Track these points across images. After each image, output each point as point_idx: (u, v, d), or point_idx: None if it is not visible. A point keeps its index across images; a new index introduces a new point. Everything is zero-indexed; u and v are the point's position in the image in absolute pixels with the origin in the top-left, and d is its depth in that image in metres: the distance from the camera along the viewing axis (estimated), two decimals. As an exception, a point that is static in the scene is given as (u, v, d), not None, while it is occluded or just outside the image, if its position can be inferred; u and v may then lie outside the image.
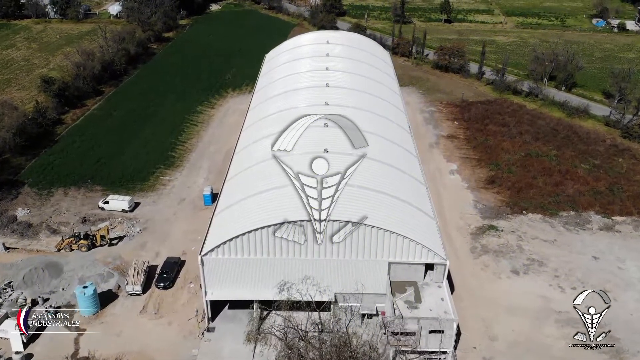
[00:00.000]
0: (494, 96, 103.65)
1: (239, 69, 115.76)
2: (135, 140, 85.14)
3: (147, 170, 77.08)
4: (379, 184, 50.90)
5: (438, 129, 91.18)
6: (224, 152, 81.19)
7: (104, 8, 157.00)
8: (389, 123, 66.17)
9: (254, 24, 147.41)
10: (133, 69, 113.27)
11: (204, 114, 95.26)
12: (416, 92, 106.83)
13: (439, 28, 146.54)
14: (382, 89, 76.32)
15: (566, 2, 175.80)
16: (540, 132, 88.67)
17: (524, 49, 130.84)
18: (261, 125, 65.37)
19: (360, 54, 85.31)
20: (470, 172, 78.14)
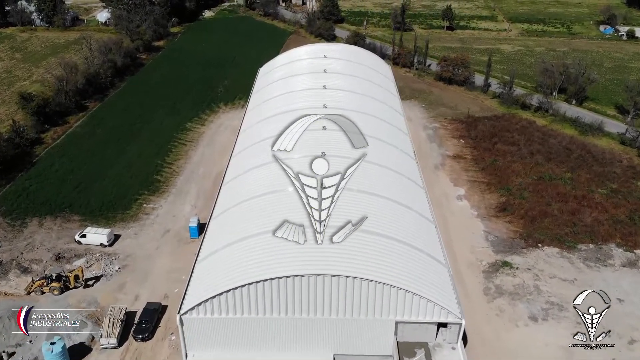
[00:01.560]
0: (502, 111, 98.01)
1: (232, 80, 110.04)
2: (118, 161, 79.24)
3: (130, 197, 71.17)
4: (383, 226, 45.14)
5: (443, 147, 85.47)
6: (213, 175, 75.42)
7: (92, 15, 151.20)
8: (392, 150, 60.49)
9: (249, 32, 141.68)
10: (120, 82, 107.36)
11: (194, 132, 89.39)
12: (418, 106, 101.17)
13: (441, 36, 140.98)
14: (384, 110, 70.66)
15: (571, 7, 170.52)
16: (553, 152, 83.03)
17: (530, 59, 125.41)
18: (252, 152, 59.68)
19: (360, 69, 79.64)
20: (479, 198, 72.43)
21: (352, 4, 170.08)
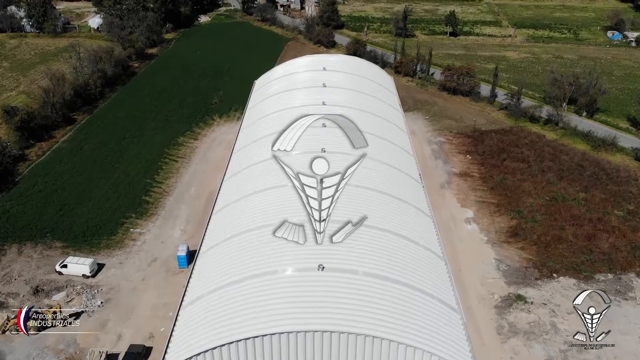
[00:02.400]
0: (509, 124, 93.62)
1: (228, 90, 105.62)
2: (105, 180, 74.81)
3: (116, 221, 66.74)
4: (386, 267, 40.75)
5: (449, 164, 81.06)
6: (205, 196, 71.08)
7: (84, 20, 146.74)
8: (397, 174, 56.07)
9: (246, 38, 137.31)
10: (110, 92, 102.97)
11: (186, 147, 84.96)
12: (422, 118, 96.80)
13: (444, 42, 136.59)
14: (387, 128, 66.27)
15: (577, 12, 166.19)
16: (565, 169, 78.64)
17: (537, 67, 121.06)
18: (246, 176, 55.26)
19: (361, 83, 75.25)
20: (489, 221, 68.03)
21: (352, 9, 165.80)
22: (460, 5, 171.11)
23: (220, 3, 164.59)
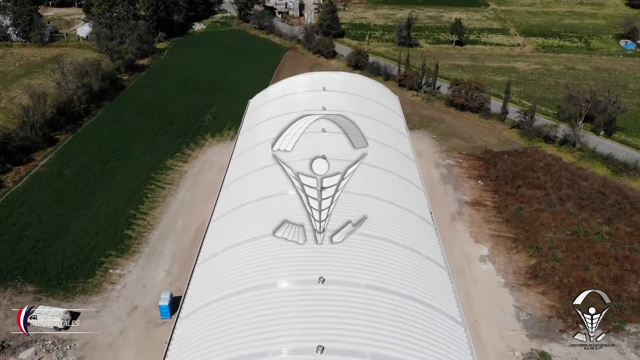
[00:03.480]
0: (522, 144, 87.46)
1: (222, 106, 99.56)
2: (85, 211, 68.62)
3: (94, 260, 60.57)
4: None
5: (459, 191, 74.91)
6: (193, 230, 64.94)
7: (73, 28, 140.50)
8: (404, 214, 49.82)
9: (242, 48, 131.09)
10: (96, 108, 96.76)
11: (175, 171, 78.78)
12: (428, 137, 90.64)
13: (449, 52, 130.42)
14: (393, 156, 60.05)
15: (587, 18, 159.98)
16: (585, 198, 72.50)
17: (549, 79, 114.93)
18: (235, 219, 49.06)
19: (364, 105, 69.07)
20: (505, 260, 61.87)
21: (353, 16, 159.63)
22: (465, 11, 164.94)
23: (216, 10, 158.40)
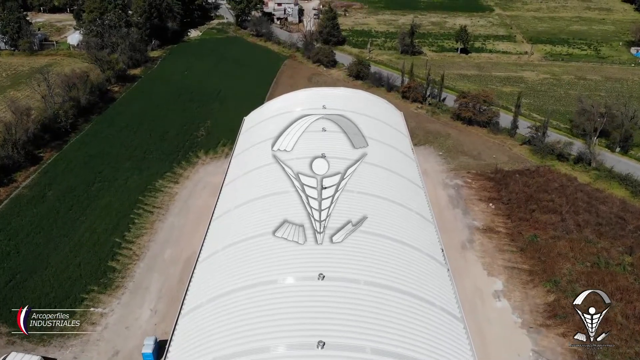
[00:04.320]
0: (535, 162, 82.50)
1: (216, 120, 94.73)
2: (67, 240, 63.65)
3: (75, 296, 55.60)
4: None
5: (469, 215, 69.94)
6: (182, 261, 60.05)
7: (64, 35, 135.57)
8: (413, 253, 44.88)
9: (239, 56, 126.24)
10: (84, 122, 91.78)
11: (165, 193, 73.83)
12: (435, 154, 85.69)
13: (454, 60, 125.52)
14: (398, 183, 55.20)
15: (595, 24, 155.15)
16: (604, 223, 67.53)
17: (559, 90, 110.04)
18: (225, 262, 44.10)
19: (368, 125, 64.05)
20: (521, 295, 56.89)
21: (354, 22, 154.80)
22: (469, 17, 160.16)
23: (212, 15, 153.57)
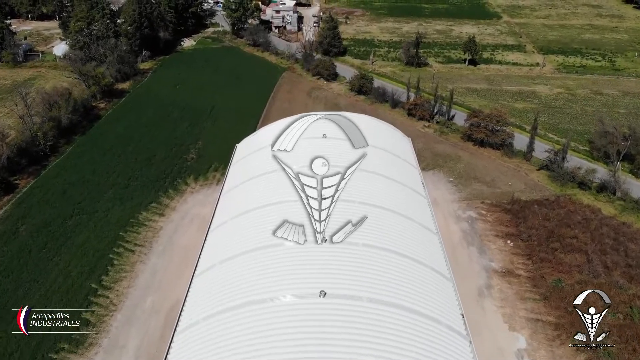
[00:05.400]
0: (554, 191, 75.71)
1: (208, 141, 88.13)
2: (38, 286, 56.95)
3: (42, 356, 48.99)
4: None
5: (486, 255, 63.19)
6: (164, 312, 53.42)
7: (51, 45, 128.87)
8: (429, 324, 38.09)
9: (234, 68, 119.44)
10: (65, 144, 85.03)
11: (148, 227, 67.10)
12: (445, 180, 78.93)
13: (462, 73, 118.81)
14: (408, 232, 48.32)
15: (608, 33, 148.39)
16: (634, 265, 60.74)
17: (575, 106, 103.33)
18: (210, 334, 37.34)
19: (373, 158, 57.32)
20: (547, 355, 50.16)
21: (356, 30, 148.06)
22: (476, 24, 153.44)
23: (207, 23, 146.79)
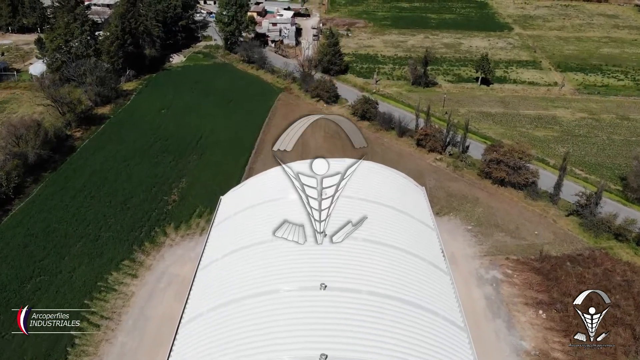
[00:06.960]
0: (587, 242, 65.95)
1: (193, 178, 78.58)
2: (-22, 376, 47.38)
3: None
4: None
5: (515, 330, 53.33)
6: (130, 417, 43.69)
7: (29, 62, 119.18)
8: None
9: (226, 88, 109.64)
10: (33, 183, 75.27)
11: (118, 293, 57.33)
12: (462, 228, 69.07)
13: (474, 94, 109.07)
14: (419, 316, 38.65)
15: (628, 46, 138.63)
16: (693, 343, 51.19)
17: (600, 134, 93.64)
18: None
19: (378, 216, 47.73)
20: None
21: (358, 43, 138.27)
22: (486, 37, 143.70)
23: (199, 36, 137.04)
